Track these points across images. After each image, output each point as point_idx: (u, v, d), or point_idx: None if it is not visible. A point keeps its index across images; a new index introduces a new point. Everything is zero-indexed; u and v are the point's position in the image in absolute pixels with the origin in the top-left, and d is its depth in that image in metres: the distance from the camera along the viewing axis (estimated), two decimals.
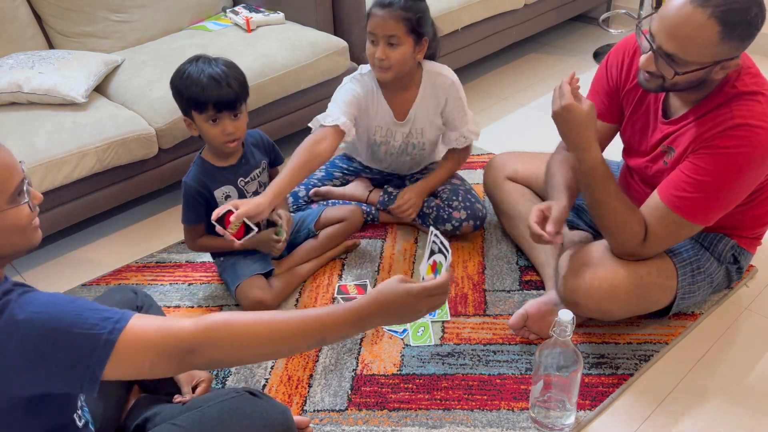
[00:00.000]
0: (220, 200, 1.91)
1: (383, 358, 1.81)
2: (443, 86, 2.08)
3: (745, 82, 1.53)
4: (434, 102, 2.10)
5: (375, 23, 1.91)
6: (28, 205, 1.07)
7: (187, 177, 1.90)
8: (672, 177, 1.59)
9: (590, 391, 1.69)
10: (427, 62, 2.09)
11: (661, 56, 1.48)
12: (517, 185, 2.11)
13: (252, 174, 1.95)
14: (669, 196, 1.58)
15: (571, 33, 3.76)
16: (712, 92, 1.56)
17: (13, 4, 2.48)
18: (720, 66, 1.47)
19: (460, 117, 2.12)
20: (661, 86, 1.55)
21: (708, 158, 1.52)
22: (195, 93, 1.75)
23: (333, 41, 2.64)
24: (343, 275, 2.11)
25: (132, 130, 2.22)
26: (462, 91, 2.12)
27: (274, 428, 1.37)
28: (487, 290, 2.03)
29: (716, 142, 1.51)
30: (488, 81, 3.28)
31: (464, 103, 2.12)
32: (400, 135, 2.15)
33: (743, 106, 1.51)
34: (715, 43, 1.42)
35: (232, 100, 1.77)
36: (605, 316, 1.77)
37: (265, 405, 1.39)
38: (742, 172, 1.52)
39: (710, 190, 1.54)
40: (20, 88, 2.23)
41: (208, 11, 2.92)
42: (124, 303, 1.58)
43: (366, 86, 2.07)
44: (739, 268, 1.84)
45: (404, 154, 2.21)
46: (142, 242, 2.33)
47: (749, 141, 1.48)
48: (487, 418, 1.63)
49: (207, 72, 1.75)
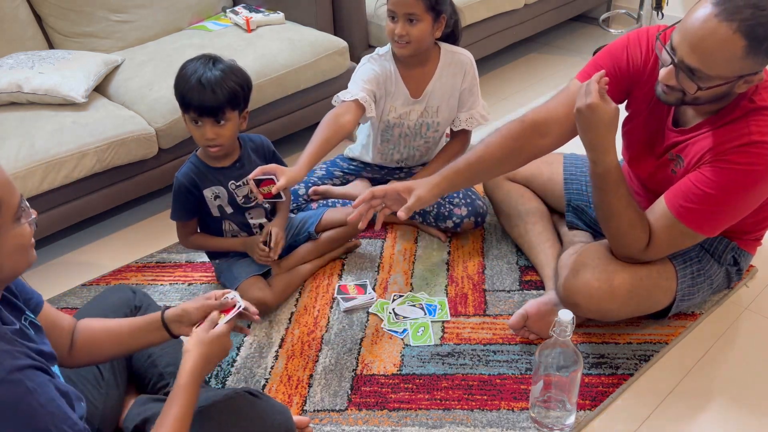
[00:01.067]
0: (210, 199, 1.89)
1: (383, 358, 1.81)
2: (461, 63, 2.13)
3: (763, 97, 1.49)
4: (451, 80, 2.14)
5: (395, 1, 1.96)
6: (28, 223, 1.06)
7: (179, 173, 1.89)
8: (681, 187, 1.56)
9: (590, 391, 1.69)
10: (445, 44, 2.15)
11: (683, 71, 1.42)
12: (517, 185, 2.11)
13: (244, 179, 1.89)
14: (677, 207, 1.56)
15: (571, 33, 3.76)
16: (728, 105, 1.52)
17: (13, 4, 2.48)
18: (744, 80, 1.43)
19: (473, 98, 2.18)
20: (681, 100, 1.50)
21: (720, 172, 1.49)
22: (182, 92, 1.75)
23: (333, 41, 2.63)
24: (343, 275, 2.11)
25: (132, 130, 2.21)
26: (477, 72, 2.18)
27: (274, 429, 1.37)
28: (487, 290, 2.03)
29: (730, 158, 1.48)
30: (488, 81, 3.29)
31: (478, 85, 2.18)
32: (415, 113, 2.17)
33: (761, 122, 1.47)
34: (740, 58, 1.37)
35: (214, 107, 1.72)
36: (605, 316, 1.77)
37: (265, 406, 1.39)
38: (753, 189, 1.51)
39: (720, 204, 1.52)
40: (20, 88, 2.23)
41: (208, 11, 2.91)
42: (122, 302, 1.58)
43: (383, 66, 2.12)
44: (738, 270, 1.84)
45: (418, 136, 2.21)
46: (142, 242, 2.33)
47: (765, 159, 1.46)
48: (487, 418, 1.63)
49: (199, 74, 1.72)
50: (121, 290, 1.65)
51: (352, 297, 2.00)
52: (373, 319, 1.94)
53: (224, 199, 1.91)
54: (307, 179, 2.32)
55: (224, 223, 1.96)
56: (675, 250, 1.67)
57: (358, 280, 2.08)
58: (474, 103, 2.19)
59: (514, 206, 2.08)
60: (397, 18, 1.97)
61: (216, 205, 1.91)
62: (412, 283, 2.07)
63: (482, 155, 1.74)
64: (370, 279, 2.09)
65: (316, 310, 1.98)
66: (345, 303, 1.98)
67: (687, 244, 1.65)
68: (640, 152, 1.76)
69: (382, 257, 2.18)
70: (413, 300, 1.99)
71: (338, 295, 2.02)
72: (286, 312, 1.98)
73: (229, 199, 1.91)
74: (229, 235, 1.99)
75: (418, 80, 2.13)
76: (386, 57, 2.13)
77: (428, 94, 2.14)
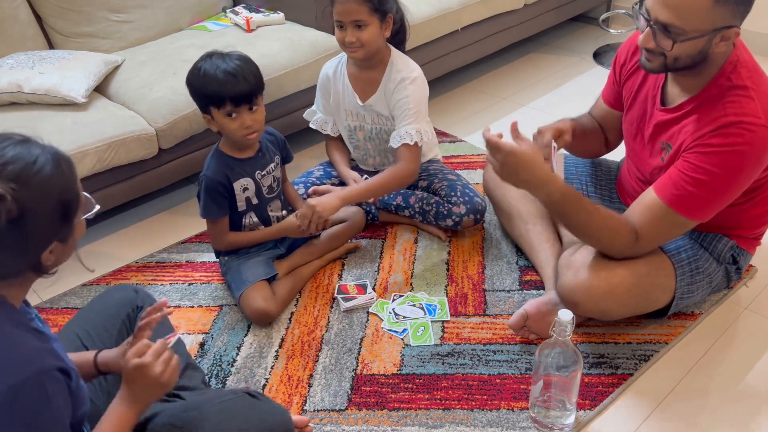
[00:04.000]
0: (238, 192, 1.92)
1: (383, 357, 1.81)
2: (394, 80, 2.09)
3: (740, 75, 1.54)
4: (389, 92, 2.11)
5: (340, 11, 1.98)
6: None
7: (207, 170, 1.90)
8: (669, 175, 1.59)
9: (590, 391, 1.69)
10: (397, 53, 2.12)
11: (658, 29, 1.48)
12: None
13: (267, 168, 1.97)
14: (668, 195, 1.58)
15: (571, 33, 3.76)
16: (709, 83, 1.56)
17: (13, 4, 2.48)
18: (720, 36, 1.46)
19: (400, 114, 2.08)
20: (663, 64, 1.55)
21: (703, 157, 1.53)
22: (212, 89, 1.77)
23: (333, 41, 2.62)
24: (343, 275, 2.11)
25: (132, 130, 2.22)
26: (417, 89, 2.07)
27: (272, 430, 1.37)
28: (487, 290, 2.03)
29: (710, 141, 1.52)
30: (488, 81, 3.29)
31: (411, 102, 2.05)
32: (369, 119, 2.18)
33: (735, 104, 1.51)
34: (709, 8, 1.42)
35: (249, 93, 1.79)
36: (605, 315, 1.77)
37: (264, 407, 1.39)
38: (739, 170, 1.53)
39: (708, 188, 1.54)
40: (20, 89, 2.23)
41: (208, 11, 2.92)
42: (124, 302, 1.58)
43: (331, 73, 2.19)
44: (738, 269, 1.84)
45: (382, 141, 2.21)
46: (142, 242, 2.33)
47: (743, 139, 1.49)
48: (487, 418, 1.64)
49: (222, 68, 1.77)
50: (124, 290, 1.65)
51: (352, 297, 2.01)
52: (373, 319, 1.94)
53: (252, 191, 1.95)
54: (306, 179, 2.32)
55: (246, 217, 1.98)
56: (666, 240, 1.69)
57: (358, 280, 2.08)
58: (402, 119, 2.07)
59: (514, 206, 2.08)
60: (345, 26, 1.99)
61: (244, 197, 1.95)
62: (412, 283, 2.07)
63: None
64: (370, 279, 2.09)
65: (316, 310, 1.99)
66: (345, 303, 1.98)
67: (677, 234, 1.66)
68: (634, 137, 1.80)
69: (382, 257, 2.18)
70: (413, 300, 1.99)
71: (338, 295, 2.02)
72: (286, 312, 1.98)
73: (256, 189, 1.95)
74: (247, 230, 2.00)
75: (366, 84, 2.14)
76: (340, 62, 2.18)
77: (373, 103, 2.14)
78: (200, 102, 1.84)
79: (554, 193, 1.58)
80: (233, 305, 2.01)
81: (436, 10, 2.82)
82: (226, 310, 2.00)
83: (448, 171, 2.29)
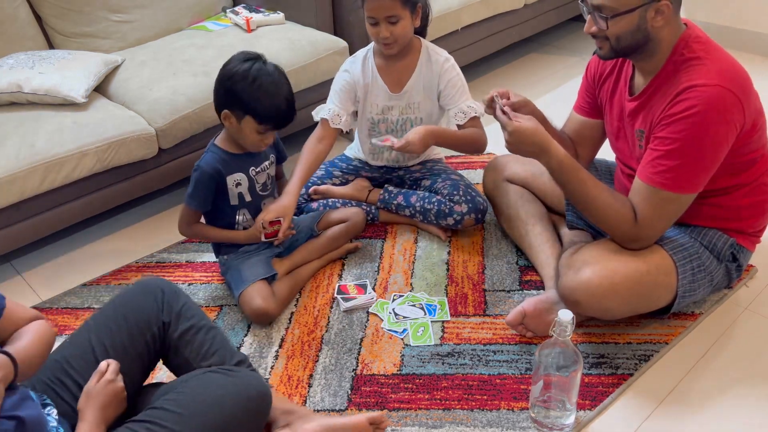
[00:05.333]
0: (231, 187, 1.94)
1: (383, 358, 1.81)
2: (437, 62, 2.14)
3: (692, 49, 1.60)
4: (429, 78, 2.15)
5: (372, 7, 1.99)
6: None
7: (202, 162, 1.92)
8: (646, 157, 1.65)
9: (590, 391, 1.69)
10: (426, 42, 2.17)
11: (592, 13, 1.59)
12: (516, 186, 2.12)
13: (262, 165, 1.99)
14: (648, 176, 1.62)
15: (571, 33, 3.76)
16: (665, 63, 1.63)
17: (13, 4, 2.48)
18: (654, 10, 1.54)
19: (455, 92, 2.15)
20: (611, 48, 1.63)
21: (668, 128, 1.59)
22: (265, 108, 1.82)
23: (333, 41, 2.64)
24: (343, 275, 2.11)
25: (132, 130, 2.22)
26: (458, 68, 2.17)
27: (249, 395, 1.38)
28: (487, 290, 2.03)
29: (670, 111, 1.59)
30: (488, 81, 3.29)
31: (460, 80, 2.16)
32: (397, 110, 2.19)
33: (686, 72, 1.59)
34: None
35: (289, 122, 1.88)
36: (606, 314, 1.77)
37: (241, 374, 1.41)
38: (703, 131, 1.56)
39: (681, 155, 1.58)
40: (20, 89, 2.23)
41: (208, 11, 2.92)
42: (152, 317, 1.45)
43: (357, 69, 2.17)
44: (738, 266, 1.84)
45: (403, 132, 2.21)
46: (142, 242, 2.33)
47: (699, 99, 1.54)
48: (487, 418, 1.64)
49: (283, 93, 1.83)
50: (146, 294, 1.46)
51: (352, 297, 2.01)
52: (373, 319, 1.94)
53: (245, 186, 1.96)
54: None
55: (239, 214, 1.99)
56: (666, 221, 1.69)
57: (358, 280, 2.08)
58: (459, 97, 2.16)
59: (513, 207, 2.08)
60: (379, 22, 2.00)
61: (236, 193, 1.95)
62: (412, 283, 2.07)
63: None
64: (370, 279, 2.09)
65: (316, 310, 1.99)
66: (345, 303, 1.98)
67: (675, 211, 1.67)
68: (620, 140, 1.84)
69: (382, 257, 2.18)
70: (413, 300, 1.99)
71: (338, 295, 2.02)
72: (286, 312, 1.98)
73: (249, 186, 1.96)
74: (241, 227, 2.01)
75: (398, 75, 2.15)
76: (366, 56, 2.17)
77: (408, 90, 2.16)
78: (238, 105, 1.82)
79: (553, 158, 1.68)
80: (233, 305, 2.01)
81: (436, 10, 2.82)
82: (226, 310, 2.00)
83: (452, 171, 2.30)
